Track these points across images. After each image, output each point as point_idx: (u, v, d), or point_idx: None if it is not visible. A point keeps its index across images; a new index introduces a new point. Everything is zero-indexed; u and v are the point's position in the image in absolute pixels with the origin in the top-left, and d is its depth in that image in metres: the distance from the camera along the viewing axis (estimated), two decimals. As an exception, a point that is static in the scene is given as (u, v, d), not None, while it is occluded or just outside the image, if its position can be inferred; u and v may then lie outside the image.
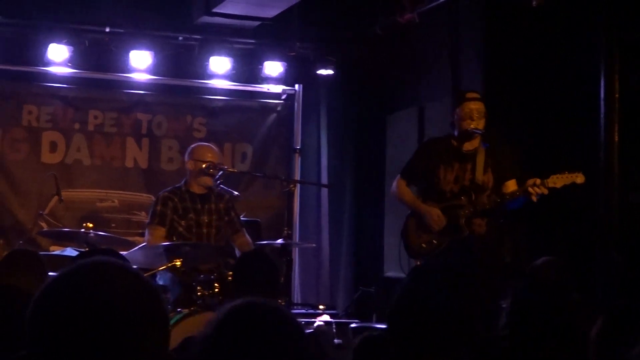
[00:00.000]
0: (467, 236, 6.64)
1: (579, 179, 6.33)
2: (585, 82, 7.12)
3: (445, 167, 6.76)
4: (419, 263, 6.96)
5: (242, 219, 7.87)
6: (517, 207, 6.57)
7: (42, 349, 1.69)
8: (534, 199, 6.36)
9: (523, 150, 7.26)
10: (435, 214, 6.70)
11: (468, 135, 6.67)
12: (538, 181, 6.33)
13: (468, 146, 6.74)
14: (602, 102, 6.99)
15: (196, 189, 7.22)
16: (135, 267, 2.33)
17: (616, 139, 7.02)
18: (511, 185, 6.54)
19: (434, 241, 6.74)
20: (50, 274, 5.75)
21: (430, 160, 6.84)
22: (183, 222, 7.11)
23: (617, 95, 7.00)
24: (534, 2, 7.06)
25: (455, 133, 6.75)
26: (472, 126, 6.59)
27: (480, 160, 6.70)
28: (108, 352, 1.67)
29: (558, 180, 6.34)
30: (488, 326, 3.15)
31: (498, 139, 6.77)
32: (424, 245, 6.79)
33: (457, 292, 2.74)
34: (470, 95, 6.78)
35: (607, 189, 6.99)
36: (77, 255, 6.10)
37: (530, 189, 6.35)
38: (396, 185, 7.01)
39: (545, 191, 6.32)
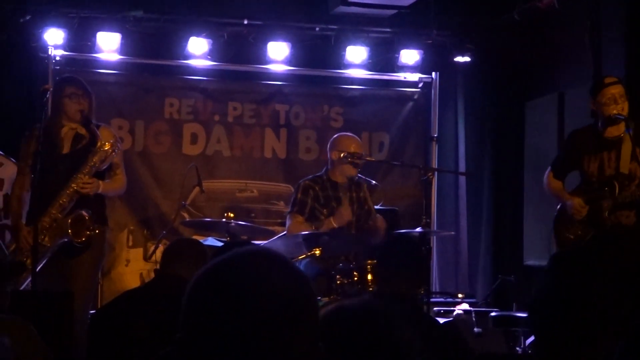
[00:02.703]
0: (612, 228, 6.45)
1: None
2: None
3: (589, 157, 6.64)
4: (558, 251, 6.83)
5: (380, 207, 7.88)
6: None
7: (195, 333, 1.72)
8: None
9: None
10: (576, 204, 6.60)
11: (612, 122, 6.49)
12: None
13: (613, 132, 6.54)
14: None
15: (338, 178, 7.27)
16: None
17: None
18: None
19: (579, 232, 6.64)
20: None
21: (574, 151, 6.77)
22: (325, 211, 7.18)
23: None
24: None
25: (599, 122, 6.60)
26: (615, 111, 6.41)
27: (627, 147, 6.46)
28: (260, 339, 1.68)
29: None
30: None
31: None
32: (571, 236, 6.70)
33: (599, 281, 2.66)
34: (608, 80, 6.61)
35: None
36: (221, 247, 6.18)
37: None
38: (546, 177, 6.99)
39: None
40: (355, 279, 6.40)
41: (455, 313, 8.12)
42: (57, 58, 8.85)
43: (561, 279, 2.72)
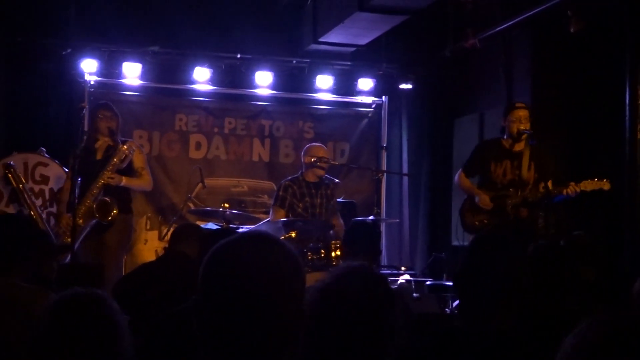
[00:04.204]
0: (512, 219, 6.55)
1: (606, 185, 6.20)
2: (614, 92, 6.90)
3: (496, 163, 6.70)
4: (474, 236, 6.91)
5: (341, 200, 7.90)
6: (560, 201, 6.42)
7: (208, 296, 1.72)
8: (571, 194, 6.25)
9: (564, 149, 7.06)
10: (483, 198, 6.66)
11: (517, 137, 6.57)
12: (573, 184, 6.22)
13: (516, 147, 6.65)
14: (627, 108, 6.77)
15: (310, 179, 7.30)
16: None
17: (639, 136, 6.78)
18: (549, 184, 6.41)
19: (485, 220, 6.72)
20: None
21: (484, 158, 6.81)
22: (301, 204, 7.20)
23: (639, 102, 6.76)
24: (572, 29, 6.88)
25: (505, 136, 6.69)
26: (521, 127, 6.50)
27: (526, 159, 6.61)
28: (258, 302, 1.68)
29: (589, 185, 6.23)
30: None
31: (542, 144, 6.63)
32: (476, 223, 6.78)
33: (509, 258, 2.70)
34: (518, 104, 6.74)
35: (631, 177, 6.75)
36: (216, 231, 6.15)
37: (568, 190, 6.24)
38: (458, 176, 7.02)
39: (578, 191, 6.20)
40: (322, 255, 6.42)
41: (398, 282, 8.15)
42: (92, 82, 8.82)
43: (480, 257, 2.75)
